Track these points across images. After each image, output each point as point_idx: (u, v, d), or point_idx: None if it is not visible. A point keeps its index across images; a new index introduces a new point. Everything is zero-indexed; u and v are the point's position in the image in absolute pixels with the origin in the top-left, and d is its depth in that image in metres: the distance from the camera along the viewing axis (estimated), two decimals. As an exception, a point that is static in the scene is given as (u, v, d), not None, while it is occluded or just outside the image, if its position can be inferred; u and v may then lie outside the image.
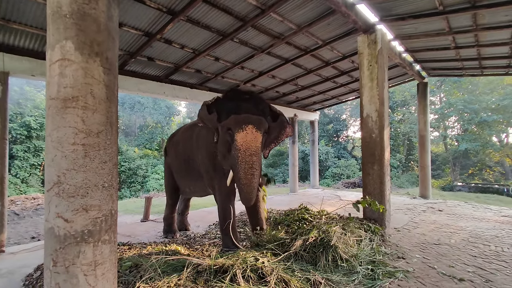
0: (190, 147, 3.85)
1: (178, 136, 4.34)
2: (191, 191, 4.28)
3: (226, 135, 2.94)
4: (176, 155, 4.20)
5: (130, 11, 3.93)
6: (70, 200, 1.45)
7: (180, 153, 4.08)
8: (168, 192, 4.66)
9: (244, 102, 3.01)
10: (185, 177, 4.11)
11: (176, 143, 4.27)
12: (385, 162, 4.44)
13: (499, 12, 4.28)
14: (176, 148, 4.22)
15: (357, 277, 2.74)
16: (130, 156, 18.63)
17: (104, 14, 1.56)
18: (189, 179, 4.04)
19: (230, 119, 2.88)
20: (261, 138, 2.95)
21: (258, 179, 2.92)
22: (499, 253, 3.64)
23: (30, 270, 3.15)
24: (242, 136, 2.81)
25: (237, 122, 2.84)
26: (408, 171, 20.50)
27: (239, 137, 2.82)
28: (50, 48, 1.51)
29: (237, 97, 3.11)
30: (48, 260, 1.47)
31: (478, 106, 17.98)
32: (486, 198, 11.47)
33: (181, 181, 4.31)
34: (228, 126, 2.89)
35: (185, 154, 3.95)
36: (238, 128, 2.83)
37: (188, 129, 4.07)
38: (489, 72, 7.51)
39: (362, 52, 4.70)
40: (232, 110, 2.92)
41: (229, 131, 2.89)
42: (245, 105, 2.96)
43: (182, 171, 4.12)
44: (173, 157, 4.32)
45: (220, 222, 3.45)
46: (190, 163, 3.84)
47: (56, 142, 1.46)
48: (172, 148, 4.41)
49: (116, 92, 1.68)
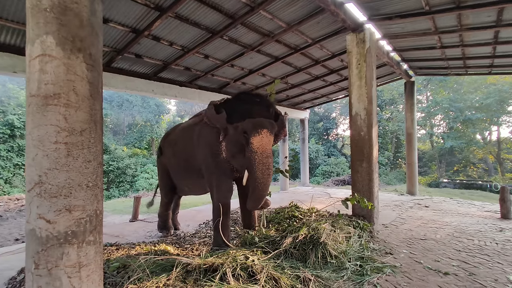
0: (190, 146, 3.82)
1: (176, 135, 4.26)
2: (189, 189, 4.28)
3: (239, 137, 3.06)
4: (174, 154, 4.14)
5: (117, 7, 3.84)
6: (52, 201, 1.40)
7: (179, 152, 4.04)
8: (163, 191, 4.60)
9: (257, 105, 3.15)
10: (185, 176, 4.09)
11: (174, 142, 4.20)
12: (373, 159, 4.51)
13: (483, 13, 4.40)
14: (174, 147, 4.16)
15: (346, 273, 2.78)
16: (119, 155, 18.30)
17: (87, 9, 1.51)
18: (189, 177, 4.03)
19: (246, 123, 2.99)
20: (273, 141, 3.15)
21: (271, 179, 3.08)
22: (482, 247, 3.76)
23: (14, 273, 3.06)
24: (258, 140, 2.95)
25: (254, 126, 2.96)
26: (396, 168, 20.92)
27: (255, 140, 2.94)
28: (29, 43, 1.45)
29: (248, 100, 3.23)
30: (30, 263, 1.42)
31: (463, 104, 18.51)
32: (470, 194, 11.83)
33: (179, 180, 4.28)
34: (244, 129, 3.00)
35: (185, 153, 3.91)
36: (254, 132, 2.95)
37: (188, 129, 4.02)
38: (473, 71, 7.71)
39: (351, 50, 4.75)
40: (246, 113, 3.03)
41: (244, 134, 3.01)
42: (258, 109, 3.10)
43: (181, 170, 4.08)
44: (170, 156, 4.26)
45: (214, 218, 3.43)
46: (190, 162, 3.83)
47: (37, 140, 1.41)
48: (168, 147, 4.34)
49: (101, 90, 1.63)
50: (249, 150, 2.95)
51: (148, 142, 23.68)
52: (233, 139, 3.12)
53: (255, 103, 3.18)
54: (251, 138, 2.94)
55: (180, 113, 30.84)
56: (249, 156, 2.95)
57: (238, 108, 3.12)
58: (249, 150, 2.95)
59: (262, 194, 2.98)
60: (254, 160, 2.91)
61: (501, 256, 3.43)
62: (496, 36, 5.18)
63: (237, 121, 3.04)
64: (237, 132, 3.06)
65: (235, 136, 3.10)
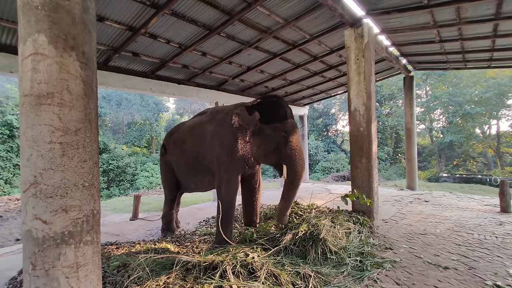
0: (201, 144, 3.86)
1: (183, 134, 4.27)
2: (197, 186, 4.32)
3: (277, 136, 3.38)
4: (182, 153, 4.15)
5: (112, 4, 3.80)
6: (48, 201, 1.39)
7: (188, 151, 4.06)
8: (168, 189, 4.60)
9: (287, 108, 3.51)
10: (193, 173, 4.11)
11: (181, 140, 4.21)
12: (372, 155, 4.50)
13: (482, 5, 4.36)
14: (182, 145, 4.17)
15: (346, 268, 2.79)
16: (119, 154, 18.26)
17: (79, 6, 1.48)
18: (198, 175, 4.06)
19: (286, 124, 3.39)
20: None
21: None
22: (481, 241, 3.76)
23: (14, 273, 3.06)
24: (296, 138, 3.41)
25: (293, 127, 3.42)
26: (395, 163, 20.93)
27: (294, 139, 3.39)
28: (21, 42, 1.43)
29: (278, 103, 3.54)
30: (27, 264, 1.41)
31: (462, 99, 18.45)
32: (470, 188, 11.85)
33: (186, 178, 4.29)
34: (284, 129, 3.37)
35: (195, 152, 3.94)
36: (293, 132, 3.40)
37: (198, 127, 4.04)
38: (472, 65, 7.67)
39: (349, 46, 4.71)
40: (283, 115, 3.42)
41: (284, 133, 3.37)
42: (289, 112, 3.50)
43: (189, 168, 4.10)
44: (177, 154, 4.26)
45: (218, 213, 3.46)
46: (199, 160, 3.88)
47: (31, 140, 1.39)
48: (174, 145, 4.33)
49: (95, 88, 1.61)
50: (289, 147, 3.35)
51: (147, 140, 23.65)
52: (270, 138, 3.42)
53: (285, 105, 3.51)
54: (291, 137, 3.35)
55: (179, 111, 30.78)
56: (289, 153, 3.35)
57: (272, 110, 3.44)
58: (289, 148, 3.35)
59: (298, 183, 3.51)
60: (295, 156, 3.36)
61: (500, 250, 3.43)
62: (495, 29, 5.14)
63: (274, 122, 3.39)
64: (276, 132, 3.38)
65: (272, 136, 3.40)
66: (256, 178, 4.05)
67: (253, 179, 4.02)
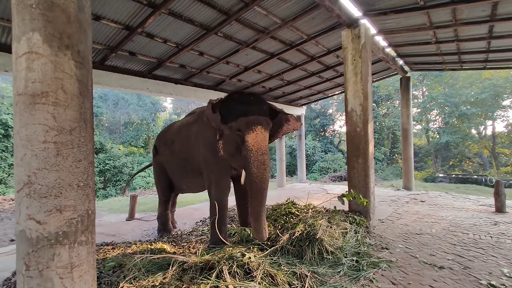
0: (188, 145, 3.81)
1: (172, 134, 4.22)
2: (188, 187, 4.28)
3: (235, 136, 3.02)
4: (172, 154, 4.12)
5: (109, 3, 3.78)
6: (42, 201, 1.38)
7: (177, 152, 4.02)
8: (160, 190, 4.57)
9: (250, 104, 3.10)
10: (184, 174, 4.07)
11: (171, 141, 4.17)
12: (369, 155, 4.52)
13: (477, 7, 4.40)
14: (171, 146, 4.13)
15: (342, 268, 2.79)
16: (115, 154, 18.15)
17: (74, 4, 1.47)
18: (188, 176, 4.01)
19: (240, 122, 2.95)
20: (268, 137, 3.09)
21: (269, 175, 3.03)
22: (476, 241, 3.79)
23: (8, 274, 3.02)
24: (253, 137, 2.90)
25: (247, 124, 2.92)
26: (392, 163, 21.02)
27: (250, 138, 2.90)
28: (16, 41, 1.42)
29: (241, 99, 3.19)
30: (20, 264, 1.40)
31: (458, 99, 18.60)
32: (466, 188, 11.93)
33: (178, 179, 4.27)
34: (238, 127, 2.97)
35: (184, 152, 3.90)
36: (249, 130, 2.91)
37: (185, 128, 3.99)
38: (468, 66, 7.74)
39: (346, 46, 4.73)
40: (241, 112, 3.00)
41: (238, 132, 2.97)
42: (252, 108, 3.05)
43: (180, 169, 4.07)
44: (168, 155, 4.23)
45: (211, 215, 3.43)
46: (188, 160, 3.82)
47: (25, 140, 1.38)
48: (165, 146, 4.30)
49: (90, 87, 1.60)
50: (245, 148, 2.91)
51: (144, 140, 23.55)
52: (229, 139, 3.09)
53: (248, 101, 3.13)
54: (246, 136, 2.90)
55: (177, 111, 30.67)
56: (245, 155, 2.91)
57: (231, 108, 3.09)
58: (244, 149, 2.91)
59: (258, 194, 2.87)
60: (249, 158, 2.86)
61: (495, 250, 3.46)
62: (491, 30, 5.19)
63: (231, 120, 3.01)
64: (232, 132, 3.03)
65: (230, 136, 3.06)
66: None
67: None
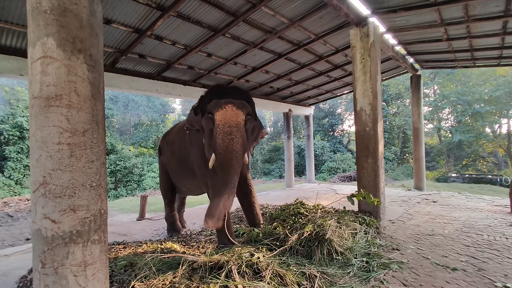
0: (184, 146, 3.83)
1: (173, 135, 4.29)
2: (187, 189, 4.28)
3: (208, 123, 2.82)
4: (172, 154, 4.17)
5: (119, 7, 3.86)
6: (57, 201, 1.42)
7: (176, 152, 4.06)
8: (163, 191, 4.64)
9: (227, 91, 2.95)
10: (181, 176, 4.10)
11: (171, 142, 4.23)
12: (379, 155, 4.46)
13: (490, 2, 4.29)
14: (171, 147, 4.19)
15: (352, 269, 2.76)
16: (126, 155, 18.49)
17: (86, 10, 1.51)
18: (185, 177, 4.03)
19: (210, 104, 2.78)
20: (244, 118, 2.79)
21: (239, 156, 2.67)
22: (491, 242, 3.69)
23: (24, 272, 3.12)
24: (221, 113, 2.69)
25: (217, 104, 2.74)
26: (403, 163, 20.69)
27: (218, 114, 2.69)
28: (31, 46, 1.47)
29: (220, 91, 3.00)
30: (37, 262, 1.44)
31: (471, 97, 18.14)
32: (480, 188, 11.63)
33: (177, 180, 4.30)
34: (209, 110, 2.78)
35: (181, 153, 3.92)
36: (218, 108, 2.72)
37: (182, 128, 4.03)
38: (481, 63, 7.55)
39: (354, 45, 4.68)
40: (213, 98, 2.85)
41: (209, 115, 2.78)
42: (227, 92, 2.90)
43: (178, 170, 4.10)
44: (169, 156, 4.28)
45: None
46: (185, 162, 3.82)
47: (41, 142, 1.43)
48: (167, 147, 4.37)
49: (102, 90, 1.64)
50: (214, 128, 2.69)
51: (154, 141, 23.87)
52: (206, 128, 2.88)
53: (226, 90, 2.97)
54: (215, 114, 2.70)
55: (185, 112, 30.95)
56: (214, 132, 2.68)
57: (209, 99, 2.91)
58: (215, 128, 2.68)
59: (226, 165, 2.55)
60: (215, 131, 2.63)
61: (511, 251, 3.36)
62: (505, 26, 5.05)
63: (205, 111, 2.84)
64: (206, 120, 2.84)
65: (207, 127, 2.86)
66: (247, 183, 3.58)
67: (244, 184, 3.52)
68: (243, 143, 2.75)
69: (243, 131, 2.77)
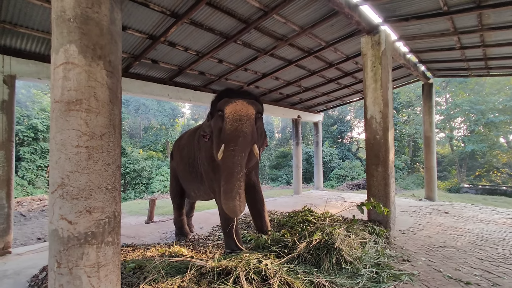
0: (193, 151, 3.88)
1: (184, 140, 4.35)
2: (196, 195, 4.31)
3: (218, 121, 2.81)
4: (182, 159, 4.23)
5: (134, 15, 3.97)
6: (73, 202, 1.46)
7: (185, 157, 4.12)
8: (173, 195, 4.69)
9: (237, 93, 3.00)
10: (190, 181, 4.13)
11: (182, 147, 4.30)
12: (389, 163, 4.41)
13: (505, 12, 4.23)
14: (182, 152, 4.25)
15: (361, 280, 2.71)
16: (135, 158, 18.76)
17: (107, 18, 1.57)
18: (194, 183, 4.06)
19: (220, 102, 2.79)
20: (254, 114, 2.78)
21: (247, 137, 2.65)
22: (506, 256, 3.58)
23: (36, 271, 3.18)
24: (231, 106, 2.70)
25: (227, 101, 2.76)
26: (413, 172, 20.29)
27: (228, 108, 2.69)
28: (54, 52, 1.53)
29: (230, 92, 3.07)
30: (52, 262, 1.48)
31: (485, 106, 17.75)
32: (494, 200, 11.29)
33: (186, 185, 4.35)
34: (219, 108, 2.78)
35: (189, 158, 3.97)
36: (228, 103, 2.72)
37: (192, 133, 4.09)
38: (495, 72, 7.40)
39: (365, 53, 4.68)
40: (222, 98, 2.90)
41: (219, 112, 2.78)
42: (237, 94, 2.95)
43: (187, 175, 4.14)
44: (179, 161, 4.34)
45: (221, 224, 3.44)
46: (194, 167, 3.86)
47: (60, 144, 1.48)
48: (177, 152, 4.44)
49: (119, 95, 1.69)
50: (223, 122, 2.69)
51: (163, 145, 24.17)
52: (216, 129, 2.85)
53: (235, 93, 3.00)
54: (225, 109, 2.70)
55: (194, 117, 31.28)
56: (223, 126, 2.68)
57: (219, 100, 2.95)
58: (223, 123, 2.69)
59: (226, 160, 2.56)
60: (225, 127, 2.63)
61: (527, 266, 3.25)
62: (520, 35, 4.96)
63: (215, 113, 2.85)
64: (216, 120, 2.84)
65: (216, 126, 2.84)
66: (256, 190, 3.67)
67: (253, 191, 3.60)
68: (252, 131, 2.72)
69: (253, 123, 2.76)
